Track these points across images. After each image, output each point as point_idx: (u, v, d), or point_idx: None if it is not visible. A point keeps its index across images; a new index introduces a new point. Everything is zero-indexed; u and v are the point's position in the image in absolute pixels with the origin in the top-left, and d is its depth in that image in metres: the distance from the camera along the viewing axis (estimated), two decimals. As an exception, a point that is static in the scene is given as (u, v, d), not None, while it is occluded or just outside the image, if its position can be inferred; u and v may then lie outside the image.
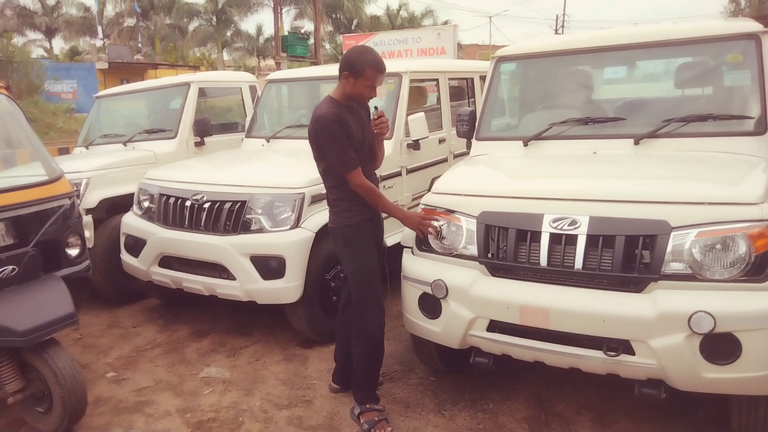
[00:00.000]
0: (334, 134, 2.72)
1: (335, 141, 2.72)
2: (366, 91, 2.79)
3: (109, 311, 4.75)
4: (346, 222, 2.86)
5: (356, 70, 2.74)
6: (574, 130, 3.31)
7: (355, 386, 2.99)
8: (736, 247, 2.23)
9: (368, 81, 2.75)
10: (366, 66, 2.73)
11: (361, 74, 2.74)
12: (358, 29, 34.10)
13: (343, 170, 2.75)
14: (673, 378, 2.28)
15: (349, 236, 2.86)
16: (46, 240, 3.09)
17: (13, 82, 17.27)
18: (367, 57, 2.76)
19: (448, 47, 12.50)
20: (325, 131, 2.72)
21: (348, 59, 2.78)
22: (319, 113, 2.75)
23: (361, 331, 2.91)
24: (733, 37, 3.15)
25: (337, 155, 2.74)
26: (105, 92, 6.61)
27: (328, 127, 2.72)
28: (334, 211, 2.90)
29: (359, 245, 2.87)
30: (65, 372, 2.82)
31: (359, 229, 2.87)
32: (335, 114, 2.73)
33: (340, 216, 2.87)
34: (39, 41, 37.35)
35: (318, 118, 2.74)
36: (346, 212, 2.85)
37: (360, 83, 2.75)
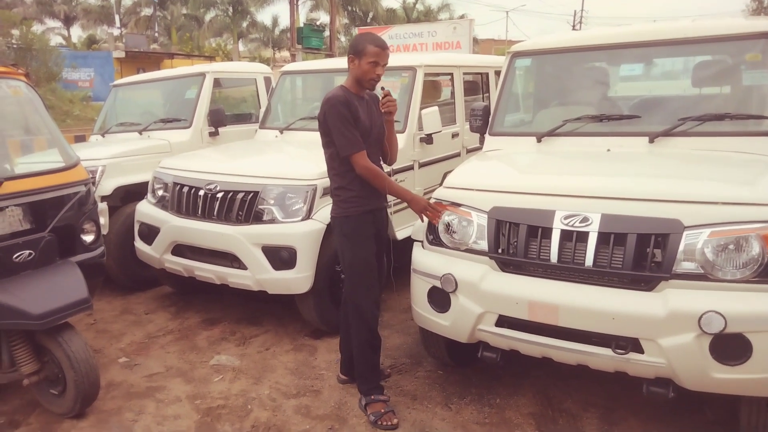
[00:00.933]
0: (341, 114, 2.76)
1: (342, 121, 2.76)
2: (371, 69, 2.82)
3: (122, 298, 4.81)
4: (346, 213, 2.88)
5: (358, 50, 2.82)
6: (589, 127, 3.29)
7: (359, 378, 3.03)
8: (749, 247, 2.21)
9: (371, 57, 2.80)
10: (366, 43, 2.82)
11: (363, 52, 2.81)
12: (373, 22, 34.01)
13: (349, 150, 2.77)
14: (682, 377, 2.27)
15: (347, 228, 2.89)
16: (62, 226, 3.14)
17: (32, 69, 17.42)
18: (366, 36, 2.87)
19: (464, 41, 12.43)
20: (332, 111, 2.77)
21: (350, 44, 2.92)
22: (327, 96, 2.82)
23: (357, 321, 2.95)
24: (752, 36, 3.10)
25: (344, 135, 2.76)
26: (122, 81, 6.67)
27: (335, 107, 2.77)
28: (335, 200, 2.93)
29: (357, 237, 2.89)
30: (79, 356, 2.87)
31: (358, 221, 2.89)
32: (343, 96, 2.80)
33: (339, 206, 2.90)
34: (57, 29, 37.72)
35: (326, 100, 2.81)
36: (346, 203, 2.88)
37: (364, 62, 2.81)
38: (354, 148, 2.78)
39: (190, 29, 35.23)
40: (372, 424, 2.87)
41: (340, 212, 2.91)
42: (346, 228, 2.90)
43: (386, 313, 4.26)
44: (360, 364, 3.00)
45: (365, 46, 2.81)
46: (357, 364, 3.02)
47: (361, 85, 2.88)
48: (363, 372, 3.00)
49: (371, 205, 2.92)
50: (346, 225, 2.90)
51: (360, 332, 2.96)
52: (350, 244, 2.90)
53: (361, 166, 2.80)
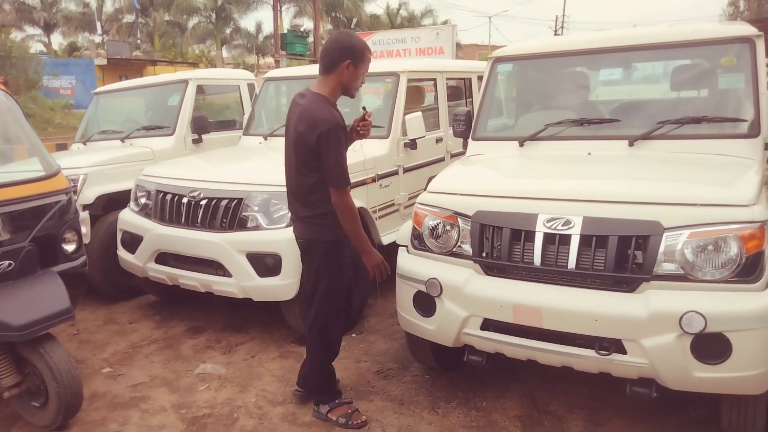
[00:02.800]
0: (340, 142, 2.53)
1: (339, 150, 2.53)
2: (362, 80, 2.64)
3: (106, 307, 4.76)
4: (333, 237, 2.74)
5: (358, 56, 2.56)
6: (570, 131, 3.34)
7: (319, 388, 2.98)
8: (727, 248, 2.25)
9: (367, 66, 2.61)
10: (366, 50, 2.59)
11: (362, 59, 2.57)
12: (357, 28, 34.11)
13: (341, 183, 2.58)
14: (664, 377, 2.30)
15: (331, 252, 2.76)
16: (43, 235, 3.10)
17: (12, 77, 17.22)
18: (361, 40, 2.63)
19: (447, 47, 12.53)
20: (332, 137, 2.50)
21: (345, 45, 2.57)
22: (323, 115, 2.51)
23: (321, 345, 2.90)
24: (727, 41, 3.17)
25: (340, 167, 2.56)
26: (103, 88, 6.62)
27: (336, 133, 2.51)
28: (320, 223, 2.73)
29: (339, 262, 2.80)
30: (61, 367, 2.83)
31: (342, 245, 2.78)
32: (341, 118, 2.56)
33: (327, 230, 2.73)
34: (37, 36, 37.26)
35: (324, 120, 2.50)
36: (335, 226, 2.72)
37: (361, 70, 2.59)
38: (346, 181, 2.60)
39: (173, 36, 35.04)
40: (343, 426, 2.88)
41: (326, 236, 2.74)
42: (330, 253, 2.76)
43: (372, 319, 4.26)
44: (320, 377, 2.96)
45: (365, 53, 2.58)
46: (316, 377, 2.96)
47: (345, 93, 2.67)
48: (323, 382, 2.97)
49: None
50: (330, 250, 2.75)
51: (323, 354, 2.92)
52: (330, 269, 2.77)
53: (344, 203, 2.62)
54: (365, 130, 2.82)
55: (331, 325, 2.89)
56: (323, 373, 2.97)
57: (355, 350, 3.78)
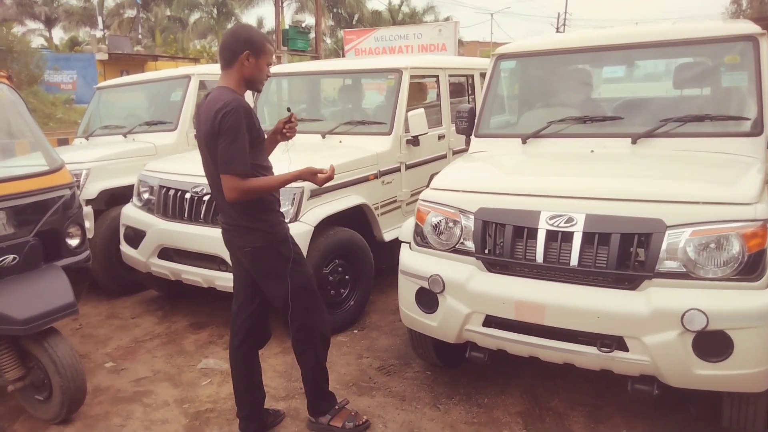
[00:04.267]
0: (240, 123, 2.34)
1: (240, 130, 2.34)
2: (266, 71, 2.52)
3: (109, 302, 4.77)
4: (278, 238, 2.58)
5: (257, 47, 2.44)
6: (573, 128, 3.34)
7: (320, 399, 2.83)
8: (729, 246, 2.26)
9: (269, 57, 2.50)
10: (265, 41, 2.49)
11: (262, 50, 2.46)
12: (359, 24, 34.07)
13: (237, 168, 2.34)
14: (666, 374, 2.31)
15: (286, 250, 2.59)
16: (47, 230, 3.11)
17: (13, 71, 17.17)
18: (258, 32, 2.54)
19: (449, 44, 12.52)
20: (231, 116, 2.31)
21: (242, 38, 2.44)
22: (225, 98, 2.35)
23: (314, 346, 2.74)
24: (730, 39, 3.17)
25: (238, 149, 2.34)
26: (106, 83, 6.62)
27: (237, 112, 2.33)
28: (264, 226, 2.54)
29: (301, 257, 2.70)
30: (65, 361, 2.85)
31: (288, 234, 2.64)
32: (245, 102, 2.41)
33: (274, 228, 2.57)
34: (39, 31, 37.19)
35: (226, 102, 2.33)
36: (275, 226, 2.58)
37: (262, 62, 2.48)
38: (245, 168, 2.37)
39: (175, 31, 34.97)
40: (351, 431, 2.80)
41: (272, 239, 2.56)
42: (285, 251, 2.58)
43: (374, 315, 4.27)
44: (319, 384, 2.82)
45: (264, 43, 2.47)
46: (316, 386, 2.81)
47: (250, 88, 2.52)
48: (324, 391, 2.84)
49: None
50: (285, 248, 2.59)
51: (317, 356, 2.76)
52: (298, 266, 2.63)
53: (246, 192, 2.40)
54: (291, 132, 2.70)
55: (320, 325, 2.75)
56: (321, 375, 2.82)
57: (356, 346, 3.79)
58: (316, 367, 2.79)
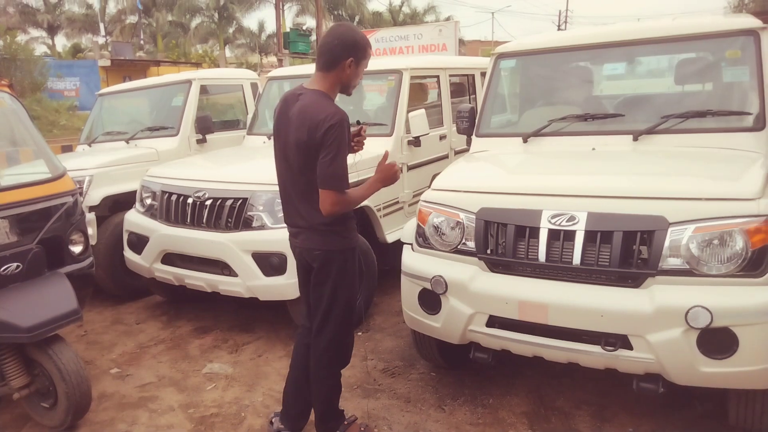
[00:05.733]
0: (344, 139, 2.29)
1: (344, 147, 2.30)
2: (361, 77, 2.45)
3: (113, 308, 4.78)
4: (353, 243, 2.54)
5: (361, 54, 2.36)
6: (573, 126, 3.33)
7: (331, 416, 2.70)
8: (733, 242, 2.24)
9: (368, 62, 2.44)
10: (368, 45, 2.40)
11: (365, 56, 2.38)
12: (360, 26, 34.08)
13: (340, 185, 2.31)
14: (671, 372, 2.30)
15: (351, 260, 2.54)
16: (50, 237, 3.13)
17: (16, 79, 17.30)
18: (363, 35, 2.43)
19: (450, 44, 12.51)
20: (338, 132, 2.25)
21: (348, 42, 2.34)
22: (330, 109, 2.28)
23: (336, 361, 2.64)
24: (731, 33, 3.15)
25: (342, 166, 2.30)
26: (107, 90, 6.64)
27: (343, 128, 2.26)
28: (340, 230, 2.48)
29: (355, 271, 2.60)
30: (69, 368, 2.85)
31: (356, 250, 2.60)
32: (346, 115, 2.31)
33: (347, 236, 2.51)
34: (42, 38, 37.37)
35: (333, 114, 2.25)
36: (351, 232, 2.54)
37: (362, 68, 2.40)
38: (347, 184, 2.35)
39: (176, 36, 35.09)
40: None
41: (347, 244, 2.51)
42: (350, 261, 2.53)
43: (378, 317, 4.27)
44: (333, 401, 2.70)
45: (367, 49, 2.39)
46: (329, 404, 2.69)
47: (342, 92, 2.47)
48: (335, 409, 2.73)
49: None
50: (351, 258, 2.53)
51: (336, 373, 2.66)
52: (350, 279, 2.54)
53: (343, 207, 2.37)
54: (359, 145, 2.65)
55: (349, 340, 2.67)
56: (336, 393, 2.70)
57: (361, 348, 3.78)
58: (335, 385, 2.68)
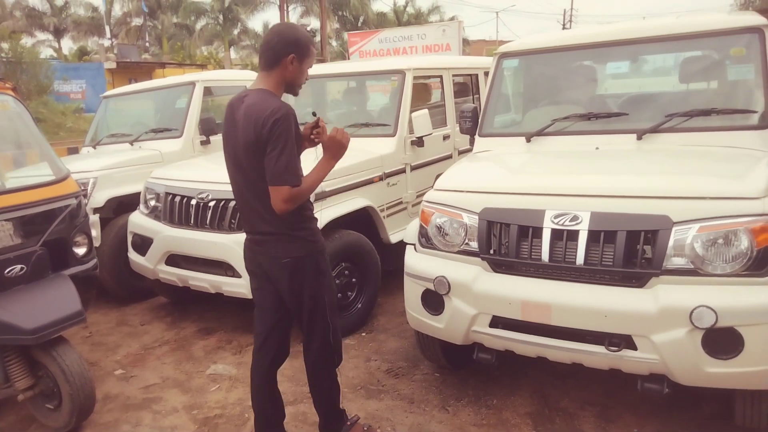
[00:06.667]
0: (290, 131, 2.22)
1: (290, 139, 2.21)
2: (306, 76, 2.41)
3: (118, 309, 4.80)
4: (320, 247, 2.46)
5: (302, 50, 2.31)
6: (577, 125, 3.31)
7: (332, 417, 2.68)
8: (738, 241, 2.22)
9: (312, 60, 2.39)
10: (310, 43, 2.36)
11: (307, 54, 2.34)
12: (364, 26, 34.10)
13: (290, 179, 2.21)
14: (676, 373, 2.28)
15: (323, 263, 2.47)
16: (54, 239, 3.14)
17: (23, 82, 17.42)
18: (306, 33, 2.39)
19: (453, 43, 12.49)
20: (283, 125, 2.18)
21: (289, 39, 2.29)
22: (274, 104, 2.21)
23: (331, 360, 2.60)
24: (736, 31, 3.12)
25: (290, 159, 2.21)
26: (112, 92, 6.66)
27: (288, 120, 2.20)
28: (306, 234, 2.40)
29: (328, 271, 2.53)
30: (74, 369, 2.86)
31: (325, 254, 2.51)
32: (292, 108, 2.25)
33: (311, 242, 2.42)
34: (48, 42, 37.61)
35: (277, 108, 2.19)
36: (317, 235, 2.46)
37: (305, 65, 2.36)
38: (298, 178, 2.26)
39: (181, 38, 35.24)
40: None
41: (314, 248, 2.42)
42: (322, 263, 2.46)
43: (382, 318, 4.26)
44: (334, 401, 2.68)
45: (309, 46, 2.35)
46: (331, 404, 2.67)
47: (288, 91, 2.40)
48: (338, 409, 2.70)
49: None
50: (322, 261, 2.46)
51: (332, 373, 2.62)
52: (326, 280, 2.49)
53: (298, 196, 2.26)
54: (318, 137, 2.49)
55: (339, 337, 2.63)
56: (337, 393, 2.67)
57: (365, 349, 3.78)
58: (333, 385, 2.66)
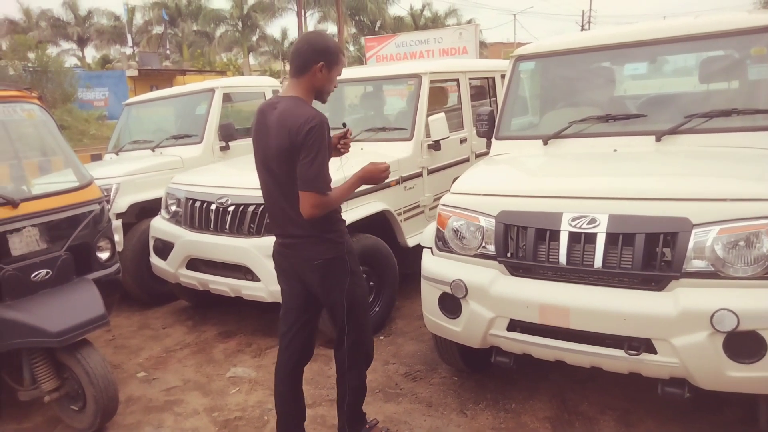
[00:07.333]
0: (324, 140, 2.27)
1: (324, 148, 2.27)
2: (335, 83, 2.44)
3: (140, 313, 4.88)
4: (349, 248, 2.51)
5: (332, 58, 2.36)
6: (595, 127, 3.29)
7: (354, 418, 2.69)
8: (759, 243, 2.19)
9: (341, 68, 2.43)
10: (339, 51, 2.39)
11: (336, 62, 2.38)
12: (381, 30, 34.18)
13: (320, 187, 2.27)
14: (697, 377, 2.25)
15: (353, 263, 2.51)
16: (78, 244, 3.21)
17: (48, 91, 17.79)
18: (335, 41, 2.44)
19: (470, 46, 12.45)
20: (317, 134, 2.23)
21: (318, 47, 2.34)
22: (308, 112, 2.27)
23: (361, 363, 2.64)
24: (756, 30, 3.07)
25: (323, 166, 2.27)
26: (133, 99, 6.79)
27: (322, 129, 2.25)
28: (335, 237, 2.44)
29: (358, 270, 2.57)
30: (97, 372, 2.92)
31: (353, 255, 2.56)
32: (325, 117, 2.30)
33: (340, 243, 2.46)
34: (72, 50, 38.45)
35: (312, 116, 2.25)
36: (344, 236, 2.50)
37: (334, 73, 2.40)
38: (328, 186, 2.31)
39: (201, 45, 35.74)
40: None
41: (342, 249, 2.46)
42: (352, 264, 2.50)
43: (400, 321, 4.27)
44: (358, 404, 2.69)
45: (339, 55, 2.39)
46: (354, 406, 2.67)
47: (317, 98, 2.44)
48: (360, 411, 2.72)
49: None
50: (351, 260, 2.50)
51: (362, 374, 2.65)
52: (357, 280, 2.53)
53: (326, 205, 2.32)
54: (345, 147, 2.63)
55: (370, 339, 2.67)
56: (362, 395, 2.69)
57: (383, 352, 3.79)
58: (361, 386, 2.67)
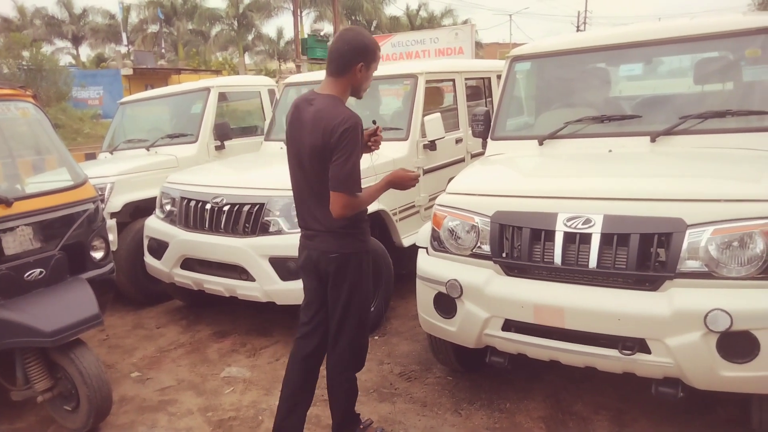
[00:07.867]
0: (359, 142, 2.31)
1: (358, 150, 2.32)
2: (370, 81, 2.47)
3: (134, 312, 4.86)
4: (366, 247, 2.54)
5: (371, 57, 2.37)
6: (590, 128, 3.30)
7: (347, 419, 2.70)
8: (753, 244, 2.20)
9: (377, 64, 2.43)
10: (377, 49, 2.41)
11: (374, 60, 2.39)
12: (377, 30, 34.17)
13: (353, 188, 2.32)
14: (690, 377, 2.26)
15: (366, 263, 2.55)
16: (72, 243, 3.19)
17: (42, 89, 17.68)
18: (373, 39, 2.44)
19: (466, 47, 12.45)
20: (352, 136, 2.27)
21: (359, 47, 2.34)
22: (344, 113, 2.29)
23: (355, 363, 2.66)
24: (751, 32, 3.09)
25: (355, 168, 2.32)
26: (128, 98, 6.76)
27: (357, 131, 2.29)
28: (356, 233, 2.49)
29: (369, 273, 2.59)
30: (91, 371, 2.91)
31: (370, 255, 2.60)
32: (360, 118, 2.33)
33: (363, 238, 2.52)
34: (66, 49, 38.26)
35: (348, 117, 2.27)
36: (365, 235, 2.54)
37: (372, 71, 2.41)
38: (359, 187, 2.36)
39: (197, 44, 35.62)
40: None
41: (361, 247, 2.50)
42: (366, 264, 2.54)
43: (395, 321, 4.27)
44: (350, 404, 2.70)
45: (377, 52, 2.40)
46: (348, 407, 2.69)
47: (353, 95, 2.47)
48: (353, 412, 2.74)
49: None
50: (366, 260, 2.54)
51: (352, 376, 2.66)
52: (365, 281, 2.55)
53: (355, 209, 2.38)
54: (375, 145, 2.68)
55: (365, 341, 2.69)
56: (354, 396, 2.71)
57: (377, 352, 3.79)
58: (352, 388, 2.69)
